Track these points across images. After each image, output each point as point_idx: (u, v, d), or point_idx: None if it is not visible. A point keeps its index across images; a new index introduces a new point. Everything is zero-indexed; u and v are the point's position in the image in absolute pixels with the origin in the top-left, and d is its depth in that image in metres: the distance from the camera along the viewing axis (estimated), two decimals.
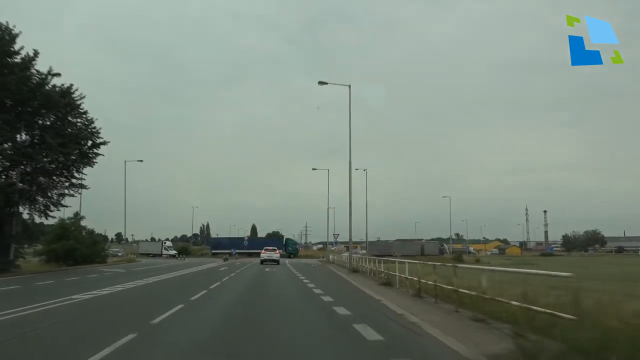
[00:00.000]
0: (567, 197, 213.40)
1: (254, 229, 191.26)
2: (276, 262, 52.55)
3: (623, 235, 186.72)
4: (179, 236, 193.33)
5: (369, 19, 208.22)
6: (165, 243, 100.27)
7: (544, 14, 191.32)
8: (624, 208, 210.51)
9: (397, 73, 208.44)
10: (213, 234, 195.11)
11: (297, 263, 57.48)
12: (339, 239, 70.83)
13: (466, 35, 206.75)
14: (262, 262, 51.71)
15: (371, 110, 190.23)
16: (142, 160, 56.89)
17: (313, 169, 60.76)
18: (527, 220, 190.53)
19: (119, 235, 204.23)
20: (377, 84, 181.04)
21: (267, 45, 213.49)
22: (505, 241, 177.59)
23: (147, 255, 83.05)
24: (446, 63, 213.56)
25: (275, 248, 58.24)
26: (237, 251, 75.70)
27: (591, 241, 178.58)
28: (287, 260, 67.69)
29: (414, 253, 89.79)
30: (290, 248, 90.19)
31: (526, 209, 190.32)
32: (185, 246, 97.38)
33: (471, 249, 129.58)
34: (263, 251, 55.89)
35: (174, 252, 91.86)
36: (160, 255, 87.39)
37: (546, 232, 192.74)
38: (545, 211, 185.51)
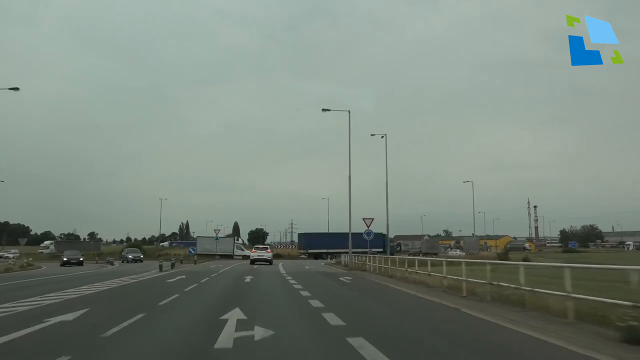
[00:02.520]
0: (551, 194, 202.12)
1: (236, 227, 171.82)
2: (268, 262, 42.70)
3: (612, 230, 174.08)
4: (156, 235, 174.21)
5: (353, 17, 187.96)
6: (237, 240, 72.51)
7: (528, 14, 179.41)
8: (610, 204, 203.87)
9: (384, 70, 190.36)
10: (193, 233, 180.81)
11: (297, 271, 30.27)
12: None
13: (451, 35, 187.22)
14: (253, 262, 42.33)
15: (357, 108, 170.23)
16: (17, 88, 29.48)
17: (324, 109, 34.34)
18: (529, 214, 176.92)
19: (92, 234, 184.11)
20: (364, 81, 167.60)
21: (251, 43, 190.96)
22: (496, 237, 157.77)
23: (211, 256, 57.43)
24: (432, 62, 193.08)
25: (267, 247, 49.97)
26: (194, 251, 48.73)
27: (589, 236, 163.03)
28: (280, 264, 41.38)
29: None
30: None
31: (528, 203, 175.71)
32: (136, 246, 68.86)
33: (527, 245, 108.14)
34: (253, 250, 46.83)
35: (247, 252, 64.42)
36: (232, 256, 61.72)
37: (536, 227, 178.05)
38: (535, 207, 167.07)
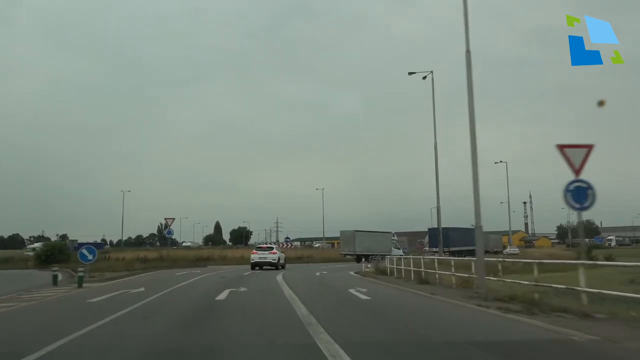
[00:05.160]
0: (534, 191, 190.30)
1: (217, 227, 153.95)
2: (274, 266, 30.77)
3: (600, 226, 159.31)
4: (133, 237, 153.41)
5: (336, 15, 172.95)
6: (394, 236, 55.60)
7: (512, 12, 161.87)
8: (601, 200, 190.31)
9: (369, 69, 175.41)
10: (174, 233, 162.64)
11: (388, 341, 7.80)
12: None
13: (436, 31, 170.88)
14: (255, 266, 30.61)
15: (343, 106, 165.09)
16: None
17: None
18: (531, 209, 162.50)
19: (63, 236, 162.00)
20: (349, 80, 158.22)
21: (233, 42, 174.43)
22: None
23: (353, 256, 45.06)
24: (419, 60, 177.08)
25: (272, 247, 35.43)
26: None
27: (586, 232, 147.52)
28: (279, 276, 19.02)
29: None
30: None
31: (530, 196, 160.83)
32: (52, 246, 44.84)
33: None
34: (254, 251, 33.15)
35: (401, 252, 47.68)
36: (381, 257, 43.55)
37: (526, 224, 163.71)
38: (525, 202, 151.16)
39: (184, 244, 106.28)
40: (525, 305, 9.67)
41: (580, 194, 9.31)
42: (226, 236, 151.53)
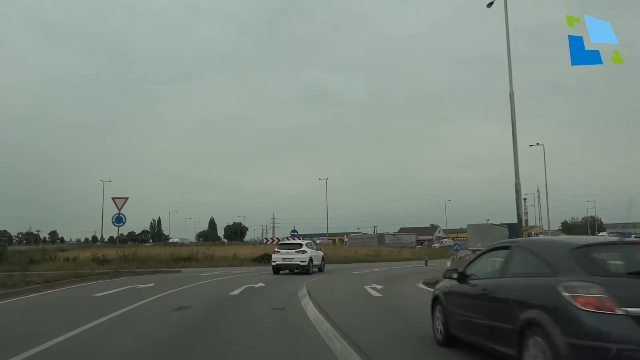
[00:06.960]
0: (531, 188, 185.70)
1: (212, 223, 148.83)
2: (304, 270, 22.18)
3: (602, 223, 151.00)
4: (126, 234, 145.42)
5: (329, 12, 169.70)
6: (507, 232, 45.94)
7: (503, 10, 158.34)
8: (598, 197, 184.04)
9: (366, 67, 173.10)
10: (165, 230, 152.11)
11: None
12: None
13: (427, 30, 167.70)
14: (278, 270, 22.88)
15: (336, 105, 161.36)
16: None
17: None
18: (540, 204, 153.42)
19: (53, 233, 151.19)
20: (343, 77, 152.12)
21: (226, 38, 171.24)
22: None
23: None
24: (413, 59, 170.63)
25: (302, 243, 24.11)
26: None
27: (592, 228, 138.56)
28: (308, 302, 8.55)
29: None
30: None
31: (538, 190, 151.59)
32: None
33: None
34: (276, 250, 24.20)
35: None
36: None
37: (526, 220, 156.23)
38: (525, 199, 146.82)
39: (170, 241, 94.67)
40: None
41: None
42: (221, 233, 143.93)
